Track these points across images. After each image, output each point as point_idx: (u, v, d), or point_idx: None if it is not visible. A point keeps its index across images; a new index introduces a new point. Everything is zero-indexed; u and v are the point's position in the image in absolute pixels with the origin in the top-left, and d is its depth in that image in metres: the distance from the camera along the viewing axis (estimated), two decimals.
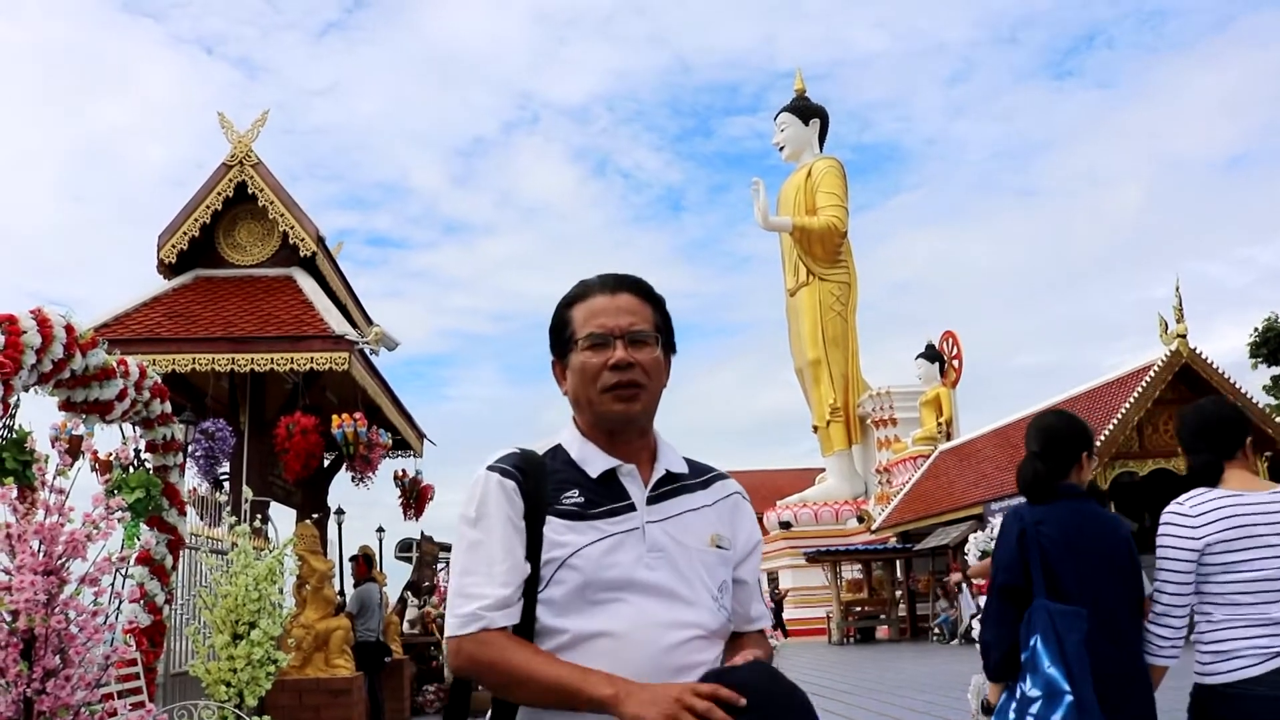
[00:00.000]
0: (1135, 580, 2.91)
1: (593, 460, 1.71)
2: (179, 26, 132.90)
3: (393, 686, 11.51)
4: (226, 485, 11.15)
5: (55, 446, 9.96)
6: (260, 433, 11.21)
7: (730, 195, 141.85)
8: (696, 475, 1.80)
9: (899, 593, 29.48)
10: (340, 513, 20.67)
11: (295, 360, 10.48)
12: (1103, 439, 20.07)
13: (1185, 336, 20.57)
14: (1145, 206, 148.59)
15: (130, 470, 6.04)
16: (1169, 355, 20.58)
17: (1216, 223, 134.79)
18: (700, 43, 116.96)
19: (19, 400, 4.46)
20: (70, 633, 3.31)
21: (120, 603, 3.89)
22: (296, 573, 8.88)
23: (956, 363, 36.60)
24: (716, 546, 1.72)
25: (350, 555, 12.93)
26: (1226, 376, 20.81)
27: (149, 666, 6.05)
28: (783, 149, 41.31)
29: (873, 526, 31.72)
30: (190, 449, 9.23)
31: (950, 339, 37.28)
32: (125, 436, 6.10)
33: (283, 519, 12.23)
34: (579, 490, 1.68)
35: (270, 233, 12.07)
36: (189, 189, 11.94)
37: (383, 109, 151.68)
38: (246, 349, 10.50)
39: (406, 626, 15.35)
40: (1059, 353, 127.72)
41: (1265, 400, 28.76)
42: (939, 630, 25.07)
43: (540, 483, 1.68)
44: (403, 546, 23.05)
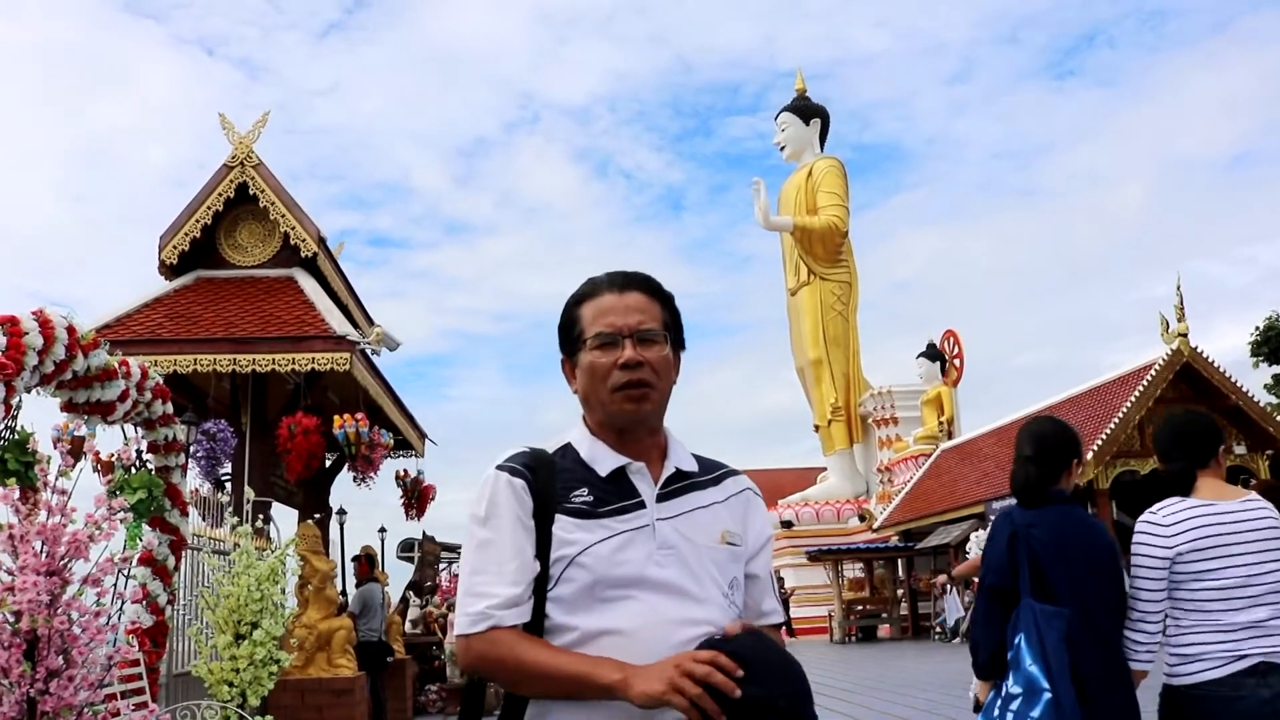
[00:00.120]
0: (1118, 584, 3.02)
1: (602, 459, 1.71)
2: (180, 27, 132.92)
3: (395, 686, 11.52)
4: (228, 486, 11.16)
5: (57, 448, 9.96)
6: (262, 433, 11.22)
7: (731, 195, 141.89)
8: (707, 472, 1.80)
9: (900, 591, 29.47)
10: (342, 513, 20.73)
11: (297, 361, 10.49)
12: (1104, 438, 20.06)
13: (1186, 335, 20.54)
14: (1146, 206, 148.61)
15: (132, 471, 6.04)
16: (1170, 354, 20.56)
17: (1218, 222, 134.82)
18: (701, 43, 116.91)
19: (21, 401, 4.46)
20: (73, 633, 3.31)
21: (123, 603, 3.90)
22: (298, 573, 8.88)
23: (958, 362, 36.59)
24: (727, 543, 1.72)
25: (352, 555, 12.98)
26: (1227, 375, 20.79)
27: (152, 667, 6.05)
28: (783, 149, 41.30)
29: (874, 525, 31.71)
30: (192, 450, 9.24)
31: (951, 338, 37.28)
32: (127, 437, 6.11)
33: (285, 519, 12.26)
34: (588, 489, 1.68)
35: (271, 233, 12.08)
36: (190, 190, 11.98)
37: (384, 109, 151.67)
38: (248, 350, 10.51)
39: (408, 626, 15.36)
40: (1060, 352, 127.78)
41: (1266, 399, 28.75)
42: (940, 629, 25.06)
43: (550, 481, 1.68)
44: (404, 546, 23.09)
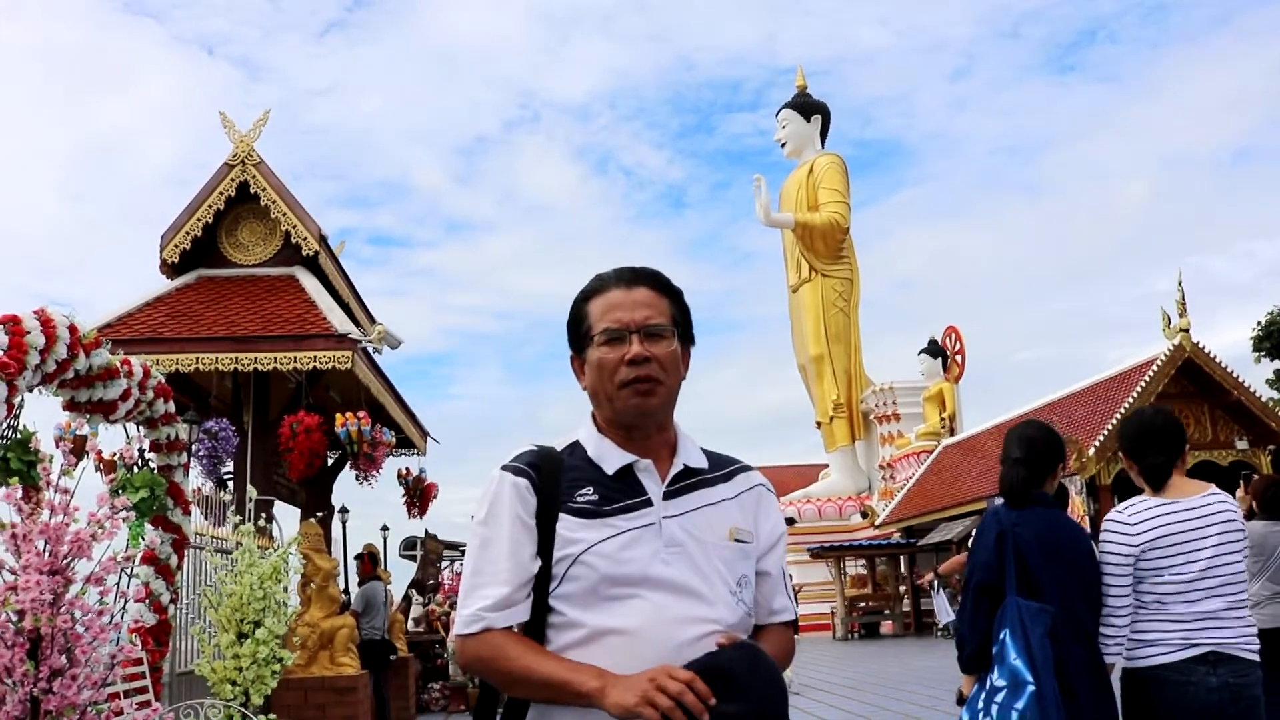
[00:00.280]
0: (1097, 584, 3.19)
1: (609, 456, 1.70)
2: (180, 26, 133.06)
3: (398, 684, 11.52)
4: (230, 484, 11.17)
5: (59, 446, 9.97)
6: (264, 432, 11.23)
7: (732, 192, 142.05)
8: (718, 468, 1.78)
9: (903, 588, 29.47)
10: (344, 511, 20.71)
11: (298, 359, 10.49)
12: (1106, 434, 20.03)
13: (1188, 331, 20.50)
14: (1148, 201, 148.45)
15: (134, 470, 6.04)
16: (1172, 350, 20.51)
17: (1220, 217, 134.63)
18: (702, 40, 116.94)
19: (23, 400, 4.46)
20: (76, 632, 3.31)
21: (125, 602, 3.90)
22: (301, 571, 8.89)
23: (959, 358, 36.55)
24: (736, 540, 1.70)
25: (355, 554, 12.97)
26: (1229, 371, 20.74)
27: (155, 666, 6.05)
28: (784, 145, 41.23)
29: (876, 522, 31.70)
30: (194, 448, 9.24)
31: (953, 334, 37.24)
32: (129, 436, 6.10)
33: (287, 518, 12.26)
34: (594, 487, 1.67)
35: (272, 232, 12.08)
36: (191, 189, 11.97)
37: (384, 108, 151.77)
38: (249, 348, 10.52)
39: (411, 624, 15.38)
40: (1062, 347, 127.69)
41: (1268, 394, 28.72)
42: (943, 625, 25.05)
43: (554, 480, 1.67)
44: (407, 544, 23.10)
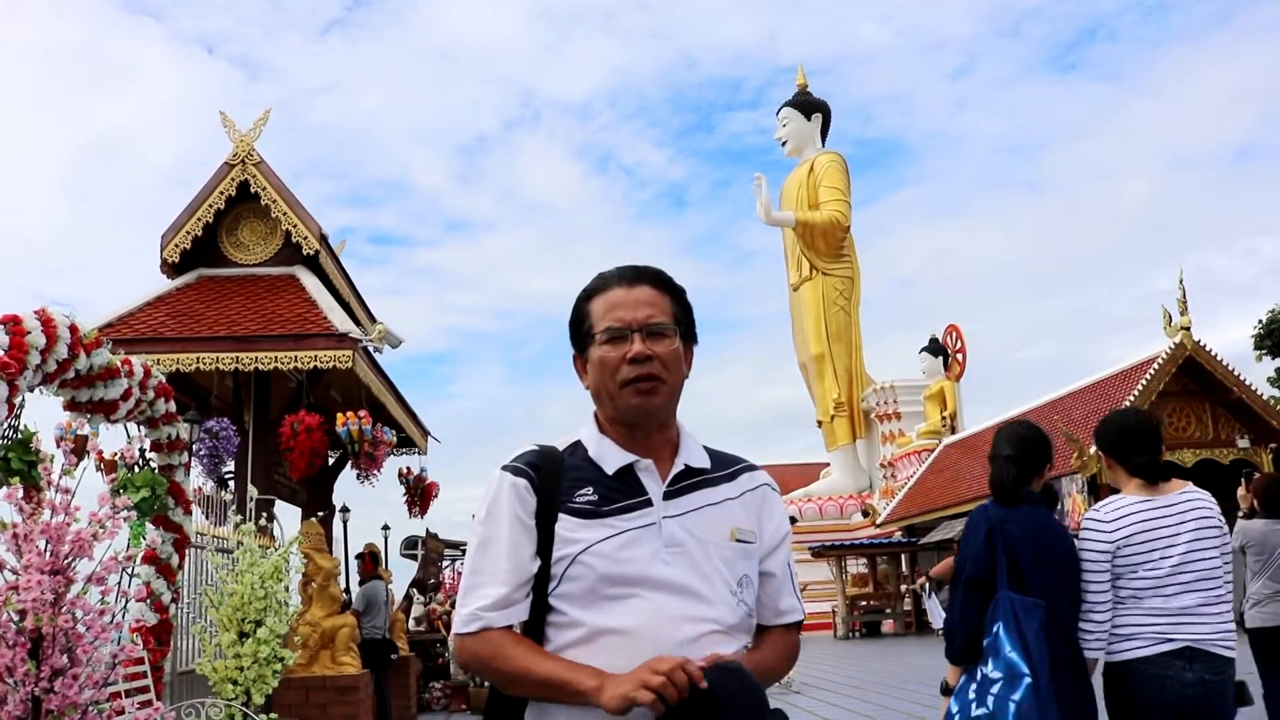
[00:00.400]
0: (1079, 581, 3.30)
1: (610, 456, 1.70)
2: (181, 25, 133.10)
3: (399, 683, 11.52)
4: (231, 484, 11.17)
5: (60, 446, 9.97)
6: (265, 431, 11.23)
7: (733, 191, 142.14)
8: (722, 467, 1.77)
9: (904, 587, 29.46)
10: (345, 510, 20.70)
11: (299, 359, 10.49)
12: None
13: (1189, 329, 20.48)
14: (1149, 199, 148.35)
15: (135, 470, 6.04)
16: (1173, 348, 20.49)
17: (1221, 215, 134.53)
18: (703, 38, 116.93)
19: (24, 400, 4.46)
20: (77, 632, 3.31)
21: (127, 602, 3.90)
22: (302, 570, 8.89)
23: (960, 356, 36.55)
24: (737, 540, 1.70)
25: (356, 553, 12.95)
26: (1231, 369, 20.72)
27: (156, 665, 6.05)
28: (785, 144, 41.23)
29: (877, 521, 31.70)
30: (195, 448, 9.24)
31: (954, 333, 37.23)
32: (130, 436, 6.10)
33: (288, 517, 12.27)
34: (594, 487, 1.67)
35: (273, 231, 12.08)
36: (192, 188, 12.00)
37: (385, 106, 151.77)
38: (250, 348, 10.52)
39: (412, 624, 15.38)
40: (1063, 346, 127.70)
41: (1270, 392, 28.69)
42: (938, 628, 25.06)
43: (554, 479, 1.67)
44: (408, 544, 23.08)
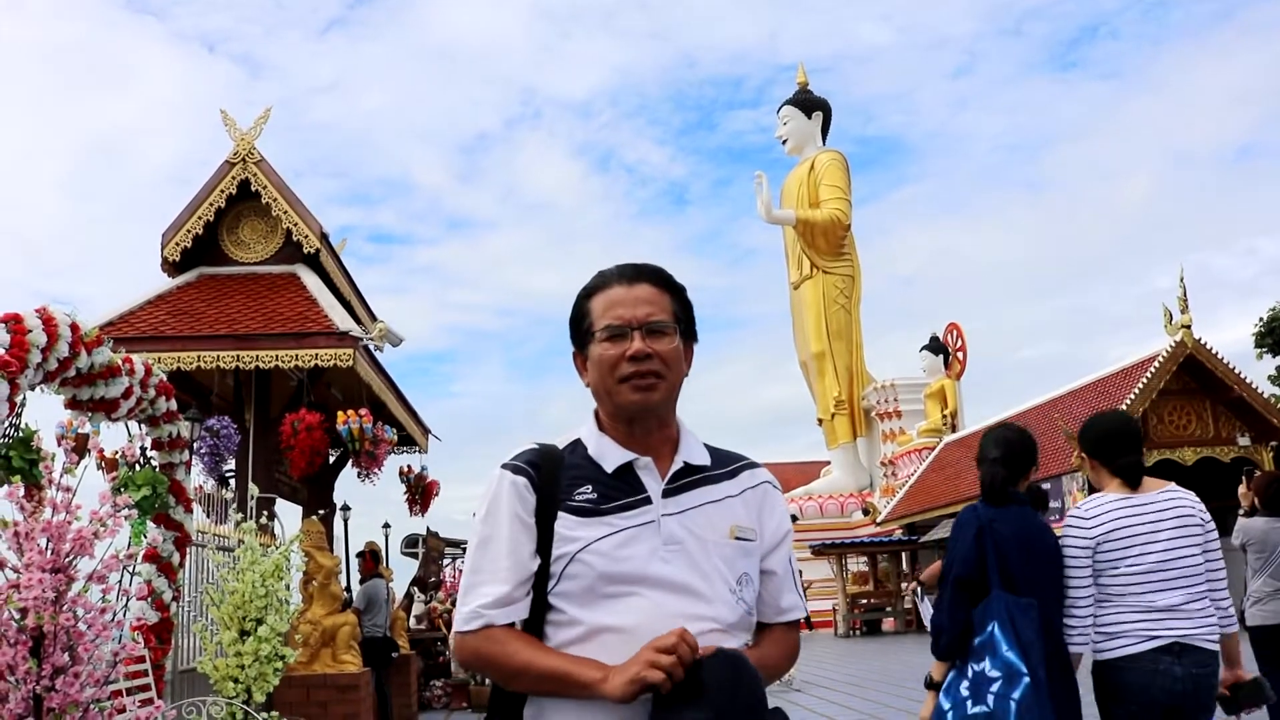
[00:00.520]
0: (1061, 579, 3.37)
1: (609, 454, 1.70)
2: (181, 24, 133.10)
3: (400, 682, 11.52)
4: (232, 482, 11.18)
5: (61, 445, 9.97)
6: (265, 430, 11.23)
7: (734, 189, 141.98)
8: (722, 465, 1.77)
9: (904, 585, 29.47)
10: (346, 509, 20.74)
11: (300, 357, 10.49)
12: None
13: (1190, 327, 20.46)
14: (1150, 198, 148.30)
15: (136, 468, 6.05)
16: (1174, 346, 20.47)
17: (1222, 214, 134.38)
18: (703, 37, 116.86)
19: (25, 399, 4.46)
20: (79, 630, 3.32)
21: (128, 600, 3.90)
22: (303, 569, 8.90)
23: (961, 355, 36.54)
24: (737, 538, 1.70)
25: (357, 551, 12.96)
26: (1231, 367, 20.71)
27: (157, 663, 6.05)
28: (785, 142, 41.20)
29: (878, 519, 31.71)
30: (196, 446, 9.24)
31: (954, 331, 37.23)
32: (131, 434, 6.10)
33: (289, 515, 12.27)
34: (592, 486, 1.67)
35: (274, 230, 12.08)
36: (192, 187, 12.00)
37: (386, 105, 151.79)
38: (251, 346, 10.51)
39: (413, 622, 15.39)
40: (1064, 344, 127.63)
41: (1270, 391, 28.69)
42: None
43: (554, 478, 1.67)
44: (409, 542, 23.08)
